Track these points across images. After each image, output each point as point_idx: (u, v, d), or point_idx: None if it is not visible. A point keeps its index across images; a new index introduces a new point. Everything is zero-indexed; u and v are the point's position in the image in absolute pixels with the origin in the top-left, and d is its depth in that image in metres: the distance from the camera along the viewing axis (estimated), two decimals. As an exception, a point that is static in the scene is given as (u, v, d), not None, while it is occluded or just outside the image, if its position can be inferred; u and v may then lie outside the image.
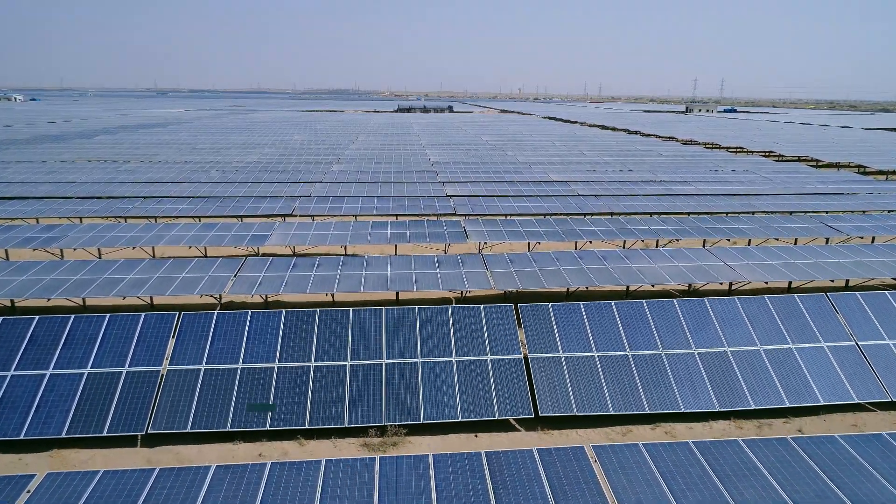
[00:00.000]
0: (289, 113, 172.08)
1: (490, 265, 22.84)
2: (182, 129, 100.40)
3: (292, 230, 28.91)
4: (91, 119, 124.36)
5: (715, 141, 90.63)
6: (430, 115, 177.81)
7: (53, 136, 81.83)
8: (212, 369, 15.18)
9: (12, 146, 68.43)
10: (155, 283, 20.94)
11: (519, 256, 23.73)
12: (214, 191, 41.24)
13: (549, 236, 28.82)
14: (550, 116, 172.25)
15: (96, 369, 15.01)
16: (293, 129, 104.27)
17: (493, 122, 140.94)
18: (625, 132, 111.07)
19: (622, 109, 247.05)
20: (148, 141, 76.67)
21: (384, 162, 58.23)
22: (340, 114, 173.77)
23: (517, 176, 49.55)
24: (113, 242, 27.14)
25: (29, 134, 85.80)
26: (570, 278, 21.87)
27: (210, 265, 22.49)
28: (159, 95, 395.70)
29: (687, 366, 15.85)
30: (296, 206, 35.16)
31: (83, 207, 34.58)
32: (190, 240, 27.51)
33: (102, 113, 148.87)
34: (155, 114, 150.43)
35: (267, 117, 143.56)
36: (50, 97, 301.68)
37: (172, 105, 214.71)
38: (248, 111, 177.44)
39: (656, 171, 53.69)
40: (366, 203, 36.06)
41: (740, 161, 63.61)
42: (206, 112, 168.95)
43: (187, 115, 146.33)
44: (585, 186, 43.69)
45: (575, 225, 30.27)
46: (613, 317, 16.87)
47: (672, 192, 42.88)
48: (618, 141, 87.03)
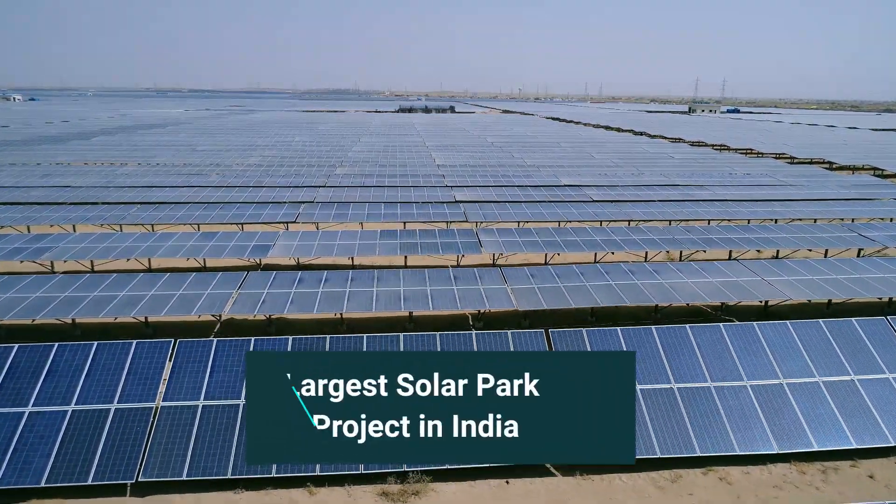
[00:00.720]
0: (289, 113, 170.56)
1: (510, 280, 21.24)
2: (181, 129, 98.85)
3: (296, 240, 27.31)
4: (89, 119, 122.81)
5: (724, 143, 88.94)
6: (433, 115, 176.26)
7: (50, 138, 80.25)
8: (211, 406, 13.59)
9: (7, 147, 66.82)
10: (150, 302, 19.34)
11: (540, 271, 22.12)
12: (214, 196, 39.58)
13: (567, 247, 27.21)
14: (553, 117, 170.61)
15: (82, 406, 13.42)
16: (294, 130, 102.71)
17: (497, 122, 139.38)
18: (630, 133, 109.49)
19: (624, 109, 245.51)
20: (146, 142, 75.09)
21: (389, 165, 56.63)
22: (341, 114, 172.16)
23: (527, 180, 47.94)
24: (106, 253, 25.54)
25: (25, 135, 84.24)
26: (598, 296, 20.26)
27: (209, 280, 20.88)
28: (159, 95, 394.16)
29: (739, 401, 14.25)
30: (299, 212, 33.56)
31: (76, 214, 32.97)
32: (188, 250, 25.91)
33: (101, 113, 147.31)
34: (154, 114, 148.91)
35: (267, 118, 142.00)
36: (49, 97, 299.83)
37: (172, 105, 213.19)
38: (247, 111, 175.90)
39: (669, 175, 52.08)
40: (372, 210, 34.45)
41: (754, 164, 62.04)
42: (205, 112, 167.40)
43: (186, 116, 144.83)
44: (599, 191, 42.08)
45: (594, 234, 28.66)
46: (655, 344, 15.27)
47: (690, 198, 41.25)
48: (625, 142, 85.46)
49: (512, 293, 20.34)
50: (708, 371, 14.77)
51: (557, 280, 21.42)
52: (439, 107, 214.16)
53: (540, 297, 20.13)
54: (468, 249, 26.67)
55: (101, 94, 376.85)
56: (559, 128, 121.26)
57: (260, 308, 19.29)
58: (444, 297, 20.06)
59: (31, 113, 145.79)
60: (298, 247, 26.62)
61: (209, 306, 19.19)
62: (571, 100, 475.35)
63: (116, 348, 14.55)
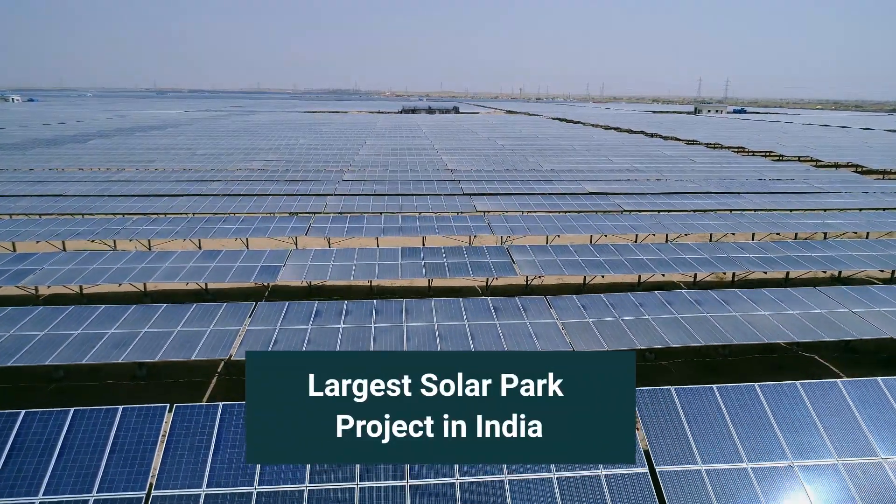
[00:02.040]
0: (290, 114, 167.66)
1: (559, 312, 18.40)
2: (181, 132, 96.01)
3: (308, 259, 24.46)
4: (87, 121, 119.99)
5: (741, 145, 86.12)
6: (437, 116, 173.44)
7: (46, 141, 77.43)
8: (216, 495, 10.75)
9: (0, 151, 64.00)
10: (143, 342, 16.50)
11: (593, 301, 19.27)
12: (216, 206, 36.79)
13: (612, 267, 24.37)
14: (559, 117, 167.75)
15: (51, 497, 10.57)
16: (297, 131, 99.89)
17: (503, 123, 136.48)
18: (643, 135, 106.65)
19: (628, 110, 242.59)
20: (144, 146, 72.25)
21: (399, 170, 53.79)
22: (343, 115, 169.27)
23: (548, 187, 45.11)
24: (96, 276, 22.70)
25: (21, 137, 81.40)
26: (664, 332, 17.42)
27: (212, 313, 18.04)
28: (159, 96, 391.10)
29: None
30: (310, 225, 30.72)
31: (66, 228, 30.13)
32: (188, 273, 23.08)
33: (100, 114, 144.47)
34: (153, 115, 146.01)
35: (268, 119, 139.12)
36: (48, 97, 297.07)
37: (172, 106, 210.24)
38: (248, 112, 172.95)
39: (696, 181, 49.30)
40: (389, 223, 31.59)
41: (782, 168, 59.22)
42: (205, 113, 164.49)
43: (186, 117, 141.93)
44: (629, 200, 39.23)
45: (637, 252, 25.82)
46: (762, 407, 12.40)
47: (726, 207, 38.43)
48: (640, 145, 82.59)
49: (564, 329, 17.50)
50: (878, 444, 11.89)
51: (613, 312, 18.58)
52: (443, 107, 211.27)
53: (597, 334, 17.28)
54: (501, 271, 23.83)
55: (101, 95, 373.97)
56: (568, 129, 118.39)
57: (272, 349, 16.45)
58: (486, 335, 17.21)
59: (29, 114, 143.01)
60: (311, 268, 23.77)
61: (212, 348, 16.36)
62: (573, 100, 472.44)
63: (98, 416, 11.70)
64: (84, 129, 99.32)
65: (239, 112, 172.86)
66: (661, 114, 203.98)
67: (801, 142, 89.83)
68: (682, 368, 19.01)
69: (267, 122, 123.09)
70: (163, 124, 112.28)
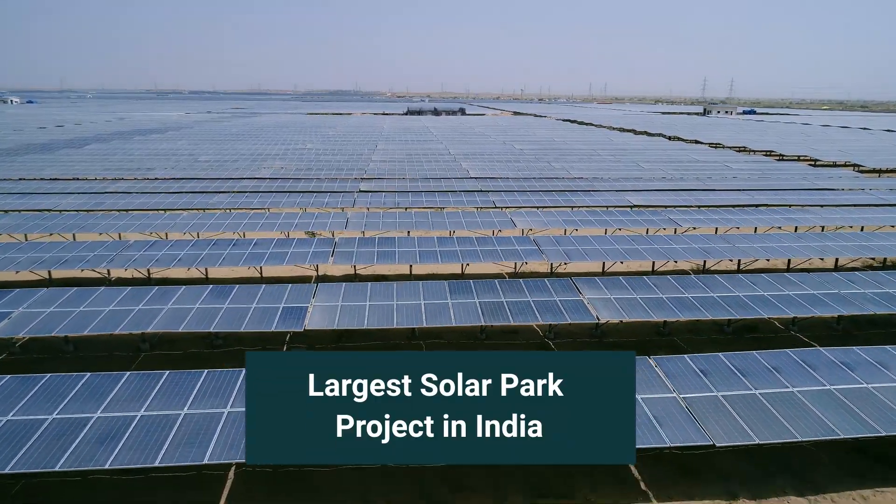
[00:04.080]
0: (293, 116, 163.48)
1: (675, 383, 14.26)
2: (182, 135, 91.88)
3: (339, 299, 20.34)
4: (85, 124, 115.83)
5: (769, 148, 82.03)
6: (444, 117, 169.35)
7: (40, 146, 73.21)
8: None
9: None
10: (133, 438, 12.37)
11: (713, 363, 15.09)
12: (224, 224, 32.69)
13: (706, 308, 20.25)
14: (568, 119, 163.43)
15: None
16: (302, 134, 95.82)
17: (514, 125, 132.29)
18: (662, 137, 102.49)
19: (635, 111, 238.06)
20: (144, 151, 68.08)
21: (420, 178, 49.72)
22: (348, 117, 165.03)
23: (588, 199, 41.00)
24: (83, 323, 18.60)
25: (14, 142, 77.28)
26: (829, 418, 13.26)
27: (226, 386, 13.90)
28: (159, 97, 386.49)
29: None
30: (333, 250, 26.61)
31: (53, 255, 26.01)
32: (195, 318, 18.98)
33: (98, 117, 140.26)
34: (154, 118, 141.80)
35: (271, 121, 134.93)
36: (48, 99, 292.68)
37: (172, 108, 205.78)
38: (250, 114, 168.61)
39: (751, 192, 45.13)
40: (423, 245, 27.44)
41: (829, 174, 55.09)
42: (206, 115, 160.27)
43: (187, 119, 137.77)
44: (684, 216, 35.03)
45: (734, 287, 21.67)
46: None
47: (805, 225, 34.29)
48: (665, 149, 78.36)
49: (691, 410, 13.36)
50: None
51: (744, 381, 14.43)
52: (449, 108, 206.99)
53: (743, 424, 13.09)
54: (573, 312, 19.72)
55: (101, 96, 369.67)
56: (583, 132, 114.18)
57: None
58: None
59: (26, 116, 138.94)
60: (344, 310, 19.64)
61: (224, 450, 12.23)
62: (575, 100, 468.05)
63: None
64: (82, 132, 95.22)
65: (241, 114, 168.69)
66: (671, 115, 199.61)
67: (835, 146, 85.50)
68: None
69: (271, 125, 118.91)
70: (163, 127, 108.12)
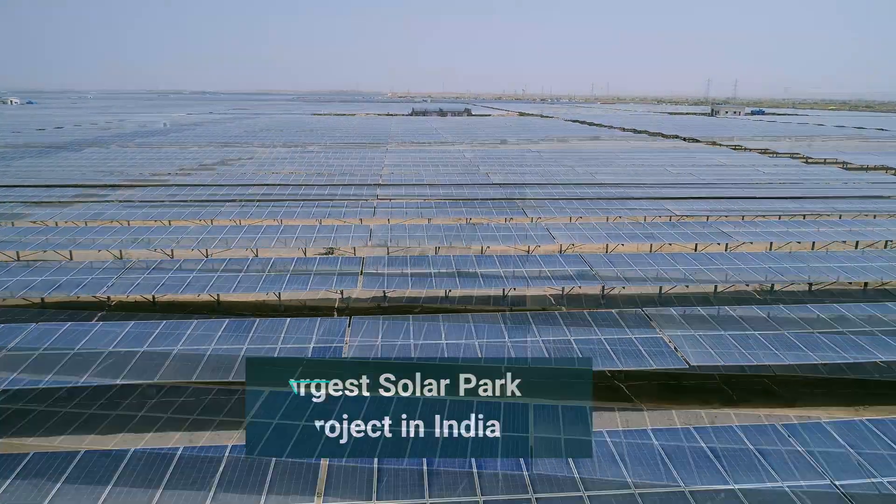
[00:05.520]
0: (296, 117, 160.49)
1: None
2: (184, 137, 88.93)
3: (377, 336, 17.41)
4: (85, 125, 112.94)
5: (793, 151, 79.14)
6: (450, 118, 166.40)
7: (37, 150, 70.23)
8: None
9: (-18, 163, 56.92)
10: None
11: (852, 429, 12.14)
12: (236, 239, 29.60)
13: (806, 347, 17.30)
14: (577, 119, 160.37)
15: None
16: (307, 136, 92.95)
17: (524, 126, 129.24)
18: (678, 139, 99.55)
19: (641, 111, 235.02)
20: (144, 156, 65.04)
21: (440, 185, 46.76)
22: (352, 118, 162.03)
23: (627, 210, 38.02)
24: (75, 370, 15.64)
25: (11, 145, 74.36)
26: None
27: (256, 471, 10.94)
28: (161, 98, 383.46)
29: None
30: (361, 270, 23.66)
31: (45, 279, 23.08)
32: (210, 364, 16.04)
33: (99, 118, 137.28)
34: (154, 119, 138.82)
35: (274, 122, 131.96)
36: (49, 99, 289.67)
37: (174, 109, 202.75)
38: (253, 115, 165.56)
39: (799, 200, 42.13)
40: (462, 266, 24.48)
41: (867, 179, 52.13)
42: (208, 116, 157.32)
43: (189, 120, 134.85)
44: (738, 229, 32.06)
45: (833, 321, 18.72)
46: None
47: (862, 236, 31.35)
48: (689, 153, 75.38)
49: None
50: None
51: None
52: (454, 109, 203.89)
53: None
54: (656, 357, 16.78)
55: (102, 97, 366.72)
56: (595, 132, 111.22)
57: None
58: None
59: (25, 118, 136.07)
60: (385, 350, 16.68)
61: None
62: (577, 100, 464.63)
63: None
64: (81, 134, 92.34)
65: (243, 115, 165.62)
66: (678, 115, 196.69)
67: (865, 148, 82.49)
68: None
69: (273, 126, 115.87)
70: (164, 129, 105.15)
